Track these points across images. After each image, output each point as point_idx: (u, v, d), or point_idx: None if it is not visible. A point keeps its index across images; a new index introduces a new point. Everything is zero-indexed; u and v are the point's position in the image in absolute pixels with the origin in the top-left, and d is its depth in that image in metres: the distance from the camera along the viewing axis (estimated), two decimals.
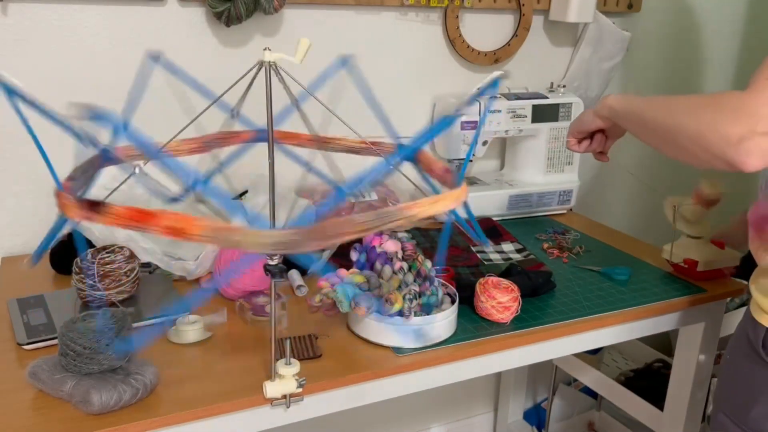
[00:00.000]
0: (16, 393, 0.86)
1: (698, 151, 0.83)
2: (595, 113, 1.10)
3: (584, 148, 1.16)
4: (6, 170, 1.28)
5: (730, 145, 0.78)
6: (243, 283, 1.10)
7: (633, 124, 1.00)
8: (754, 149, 0.76)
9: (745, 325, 0.97)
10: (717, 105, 0.81)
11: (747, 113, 0.77)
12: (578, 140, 1.16)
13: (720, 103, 0.81)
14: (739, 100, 0.79)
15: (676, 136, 0.86)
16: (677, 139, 0.86)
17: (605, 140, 1.15)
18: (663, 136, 0.90)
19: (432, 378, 1.02)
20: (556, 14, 1.65)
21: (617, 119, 1.05)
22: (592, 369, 1.69)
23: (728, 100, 0.80)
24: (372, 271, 1.04)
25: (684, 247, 1.28)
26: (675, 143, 0.87)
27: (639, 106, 0.98)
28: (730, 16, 2.03)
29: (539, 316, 1.12)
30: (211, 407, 0.86)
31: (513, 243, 1.42)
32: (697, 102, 0.84)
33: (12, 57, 1.23)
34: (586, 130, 1.13)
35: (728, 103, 0.80)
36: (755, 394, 0.94)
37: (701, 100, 0.84)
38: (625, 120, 1.03)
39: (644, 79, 1.96)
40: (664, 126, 0.89)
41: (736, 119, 0.77)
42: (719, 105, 0.81)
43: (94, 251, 1.09)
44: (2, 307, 1.07)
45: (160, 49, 1.33)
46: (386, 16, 1.52)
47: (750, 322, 0.96)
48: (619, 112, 1.03)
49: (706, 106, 0.82)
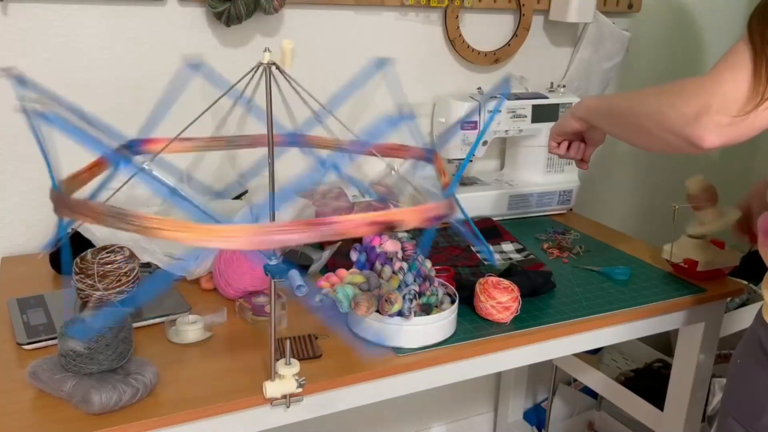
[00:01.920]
0: (16, 393, 0.86)
1: (660, 133, 0.88)
2: (572, 115, 1.14)
3: (563, 152, 1.21)
4: (6, 170, 1.28)
5: (687, 122, 0.83)
6: (243, 283, 1.10)
7: (604, 117, 1.06)
8: (710, 125, 0.81)
9: (757, 329, 0.96)
10: (677, 88, 0.87)
11: (704, 92, 0.82)
12: (557, 143, 1.21)
13: (680, 85, 0.87)
14: (697, 81, 0.84)
15: (642, 121, 0.92)
16: (642, 124, 0.92)
17: (584, 147, 1.20)
18: (630, 123, 0.96)
19: (432, 378, 1.02)
20: (556, 14, 1.65)
21: (591, 118, 1.10)
22: (592, 369, 1.68)
23: (688, 82, 0.86)
24: (372, 271, 1.04)
25: (684, 247, 1.28)
26: (640, 128, 0.93)
27: (609, 100, 1.05)
28: (729, 16, 2.03)
29: (539, 316, 1.12)
30: (211, 407, 0.86)
31: (513, 243, 1.42)
32: (660, 88, 0.91)
33: (12, 57, 1.23)
34: (564, 132, 1.18)
35: (688, 84, 0.85)
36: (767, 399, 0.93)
37: (665, 86, 0.90)
38: (597, 117, 1.08)
39: (644, 79, 1.95)
40: (631, 113, 0.95)
41: (694, 98, 0.83)
42: (679, 88, 0.86)
43: (94, 251, 1.09)
44: (2, 307, 1.07)
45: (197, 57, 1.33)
46: (386, 16, 1.52)
47: (762, 326, 0.95)
48: (592, 110, 1.09)
49: (668, 91, 0.88)
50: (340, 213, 1.34)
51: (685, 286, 1.26)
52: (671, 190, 2.12)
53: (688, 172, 1.30)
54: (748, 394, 0.97)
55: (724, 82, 0.82)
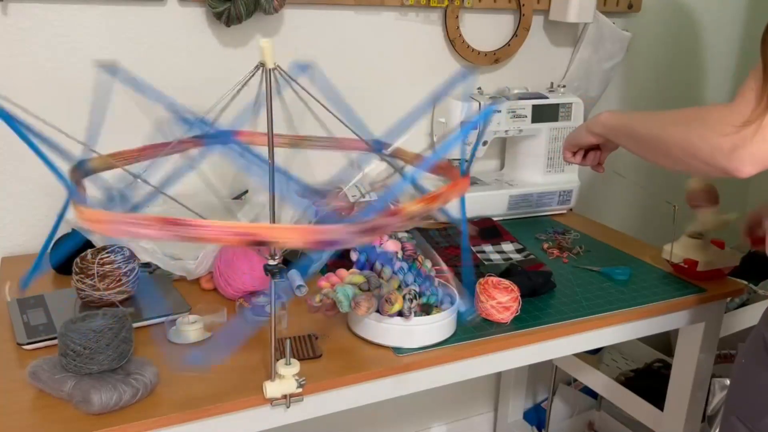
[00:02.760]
0: (16, 393, 0.86)
1: (691, 161, 0.87)
2: (588, 130, 1.14)
3: (579, 160, 1.21)
4: (6, 170, 1.28)
5: (723, 156, 0.82)
6: (243, 283, 1.10)
7: (626, 139, 1.05)
8: (746, 157, 0.80)
9: (761, 329, 0.96)
10: (705, 117, 0.85)
11: (734, 122, 0.81)
12: (573, 153, 1.21)
13: (707, 114, 0.85)
14: (725, 110, 0.83)
15: (669, 149, 0.91)
16: (671, 151, 0.91)
17: (599, 155, 1.20)
18: (656, 149, 0.95)
19: (432, 378, 1.02)
20: (556, 14, 1.65)
21: (609, 136, 1.10)
22: (592, 369, 1.69)
23: (714, 112, 0.84)
24: (372, 271, 1.05)
25: (684, 247, 1.28)
26: (669, 155, 0.92)
27: (630, 121, 1.03)
28: (730, 16, 2.03)
29: (539, 316, 1.12)
30: (211, 407, 0.86)
31: (513, 243, 1.42)
32: (685, 116, 0.89)
33: (12, 57, 1.23)
34: (580, 145, 1.18)
35: (715, 114, 0.84)
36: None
37: (688, 113, 0.89)
38: (617, 136, 1.07)
39: (644, 78, 1.96)
40: (656, 140, 0.94)
41: (725, 130, 0.81)
42: (706, 117, 0.85)
43: (94, 251, 1.09)
44: (2, 307, 1.07)
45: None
46: (386, 16, 1.52)
47: (766, 326, 0.95)
48: (611, 129, 1.08)
49: (695, 120, 0.87)
50: (341, 213, 1.34)
51: (685, 286, 1.26)
52: (671, 190, 2.12)
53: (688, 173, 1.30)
54: (750, 394, 0.97)
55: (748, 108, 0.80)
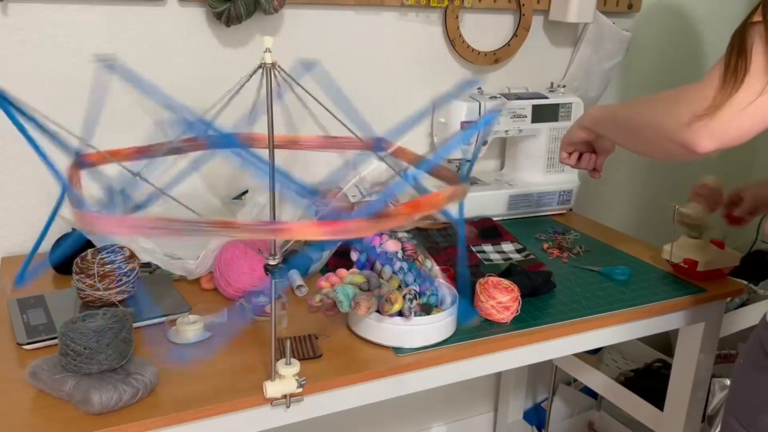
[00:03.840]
0: (16, 393, 0.86)
1: (659, 140, 0.91)
2: (578, 124, 1.17)
3: (574, 162, 1.23)
4: (6, 170, 1.28)
5: (681, 128, 0.85)
6: (243, 283, 1.10)
7: (609, 127, 1.09)
8: (704, 131, 0.83)
9: (760, 330, 0.97)
10: (673, 95, 0.89)
11: (696, 98, 0.84)
12: (568, 153, 1.23)
13: (676, 93, 0.89)
14: (689, 88, 0.87)
15: (642, 130, 0.95)
16: (643, 133, 0.95)
17: (595, 158, 1.23)
18: (632, 132, 0.99)
19: (432, 378, 1.02)
20: (556, 14, 1.65)
21: (596, 127, 1.13)
22: (592, 369, 1.69)
23: (683, 89, 0.88)
24: (372, 271, 1.05)
25: (684, 247, 1.28)
26: (642, 137, 0.96)
27: (613, 109, 1.08)
28: (730, 16, 2.03)
29: (539, 316, 1.12)
30: (211, 407, 0.86)
31: (513, 243, 1.42)
32: (659, 96, 0.93)
33: (12, 57, 1.23)
34: (573, 142, 1.20)
35: (682, 92, 0.88)
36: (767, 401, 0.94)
37: (663, 93, 0.93)
38: (602, 126, 1.11)
39: (644, 79, 1.96)
40: (633, 123, 0.97)
41: (687, 104, 0.85)
42: (675, 95, 0.89)
43: (94, 251, 1.09)
44: (2, 307, 1.07)
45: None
46: (386, 16, 1.52)
47: (764, 328, 0.96)
48: (598, 120, 1.11)
49: (665, 99, 0.91)
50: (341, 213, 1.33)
51: (685, 286, 1.26)
52: (671, 190, 2.12)
53: (688, 173, 1.30)
54: (748, 395, 0.97)
55: (712, 87, 0.83)
